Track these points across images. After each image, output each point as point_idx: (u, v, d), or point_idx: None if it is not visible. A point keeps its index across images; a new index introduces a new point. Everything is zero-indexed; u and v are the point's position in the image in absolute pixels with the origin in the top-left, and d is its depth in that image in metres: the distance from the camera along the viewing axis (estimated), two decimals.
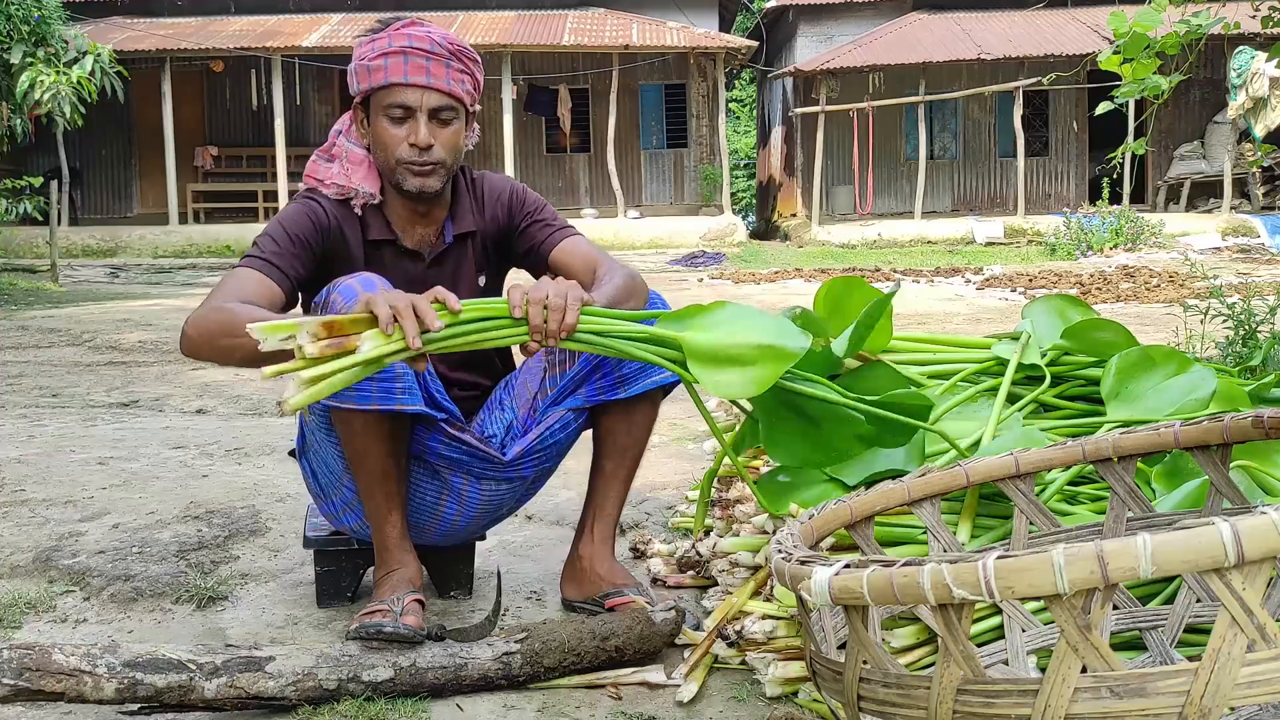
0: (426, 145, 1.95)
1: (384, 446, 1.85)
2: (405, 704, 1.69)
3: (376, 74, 1.95)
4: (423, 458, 1.95)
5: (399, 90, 1.94)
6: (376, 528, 1.93)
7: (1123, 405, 2.11)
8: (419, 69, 1.94)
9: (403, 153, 1.95)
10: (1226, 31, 3.35)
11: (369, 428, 1.82)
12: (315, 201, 2.01)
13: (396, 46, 1.95)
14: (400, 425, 1.86)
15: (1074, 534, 1.73)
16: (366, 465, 1.86)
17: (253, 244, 1.95)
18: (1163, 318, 6.91)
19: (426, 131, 1.95)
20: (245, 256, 1.92)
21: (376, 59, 1.95)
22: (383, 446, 1.85)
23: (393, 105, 1.95)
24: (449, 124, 1.98)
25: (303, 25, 18.71)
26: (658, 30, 18.34)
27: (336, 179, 2.02)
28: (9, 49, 12.45)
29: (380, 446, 1.85)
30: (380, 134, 1.97)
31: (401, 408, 1.80)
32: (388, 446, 1.86)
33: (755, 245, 17.88)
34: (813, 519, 1.48)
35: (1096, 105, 3.64)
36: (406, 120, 1.96)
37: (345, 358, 1.52)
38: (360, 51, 1.99)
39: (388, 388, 1.78)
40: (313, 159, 2.07)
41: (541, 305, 1.67)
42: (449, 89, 1.96)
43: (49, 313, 9.57)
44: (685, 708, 1.72)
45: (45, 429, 4.02)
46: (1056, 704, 1.00)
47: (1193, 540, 0.94)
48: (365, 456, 1.85)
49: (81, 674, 1.58)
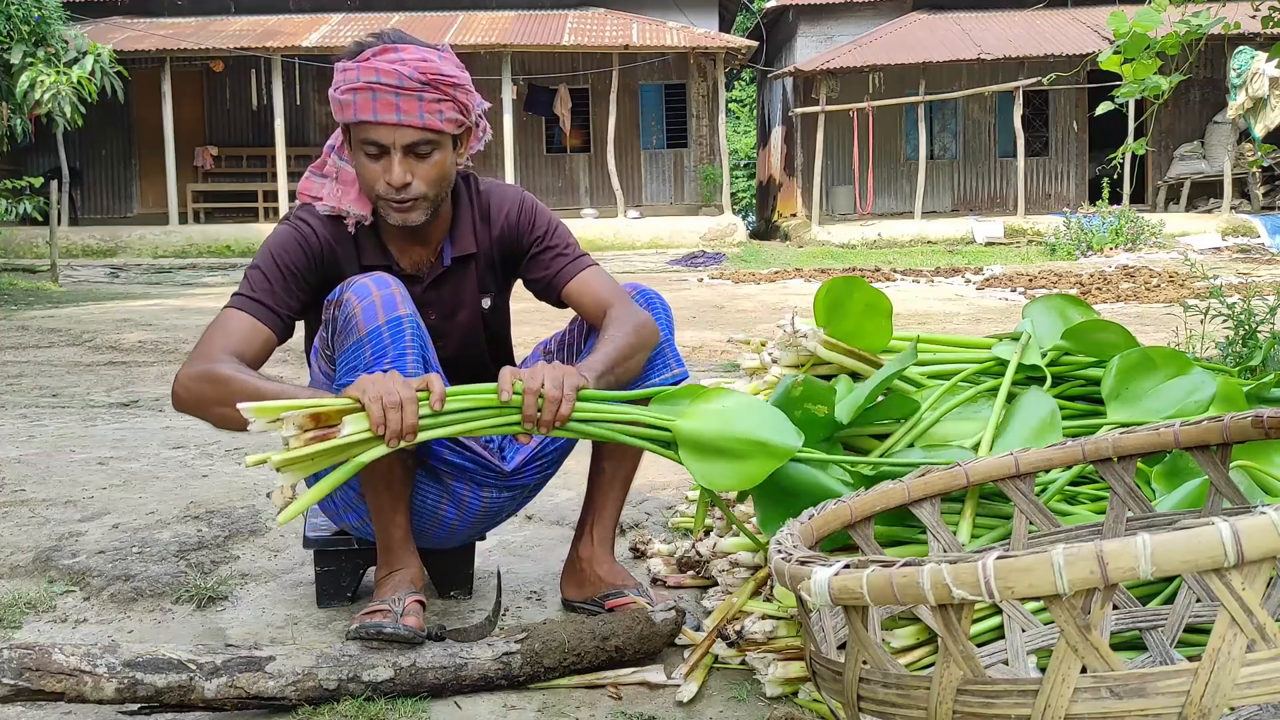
0: (402, 184, 1.86)
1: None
2: (405, 704, 1.69)
3: (347, 109, 1.85)
4: (426, 462, 1.95)
5: (370, 128, 1.84)
6: (381, 528, 1.93)
7: (1123, 406, 2.11)
8: (388, 106, 1.82)
9: (380, 189, 1.87)
10: (1226, 31, 3.35)
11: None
12: (307, 225, 1.95)
13: (364, 82, 1.83)
14: None
15: (1074, 534, 1.73)
16: (373, 467, 1.86)
17: (244, 276, 1.91)
18: (1163, 318, 6.91)
19: (401, 170, 1.85)
20: (236, 294, 1.88)
21: (346, 93, 1.85)
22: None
23: (366, 141, 1.86)
24: (428, 157, 1.87)
25: (303, 25, 18.71)
26: (658, 30, 18.34)
27: (329, 200, 1.96)
28: (9, 49, 12.45)
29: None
30: (359, 167, 1.90)
31: None
32: (395, 450, 1.86)
33: (755, 245, 17.88)
34: (812, 519, 1.48)
35: (1096, 105, 3.64)
36: (381, 157, 1.86)
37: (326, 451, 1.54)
38: (335, 79, 1.88)
39: None
40: (307, 175, 2.01)
41: (536, 394, 1.64)
42: (423, 124, 1.84)
43: (49, 313, 9.57)
44: (685, 708, 1.72)
45: (45, 429, 4.02)
46: (1056, 704, 1.00)
47: (1192, 540, 0.94)
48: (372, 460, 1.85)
49: (81, 674, 1.58)
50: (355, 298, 1.78)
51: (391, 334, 1.77)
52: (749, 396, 1.77)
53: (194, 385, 1.75)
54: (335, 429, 1.56)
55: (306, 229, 1.94)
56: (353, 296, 1.79)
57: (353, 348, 1.78)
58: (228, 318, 1.85)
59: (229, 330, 1.83)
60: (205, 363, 1.77)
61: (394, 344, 1.77)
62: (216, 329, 1.83)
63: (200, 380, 1.74)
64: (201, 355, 1.79)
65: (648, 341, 1.93)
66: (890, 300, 2.25)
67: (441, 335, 1.97)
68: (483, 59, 17.90)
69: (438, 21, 18.79)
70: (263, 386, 1.69)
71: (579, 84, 19.15)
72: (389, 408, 1.57)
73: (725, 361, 5.87)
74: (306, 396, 1.66)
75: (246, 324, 1.84)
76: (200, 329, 7.55)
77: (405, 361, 1.78)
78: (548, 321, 6.01)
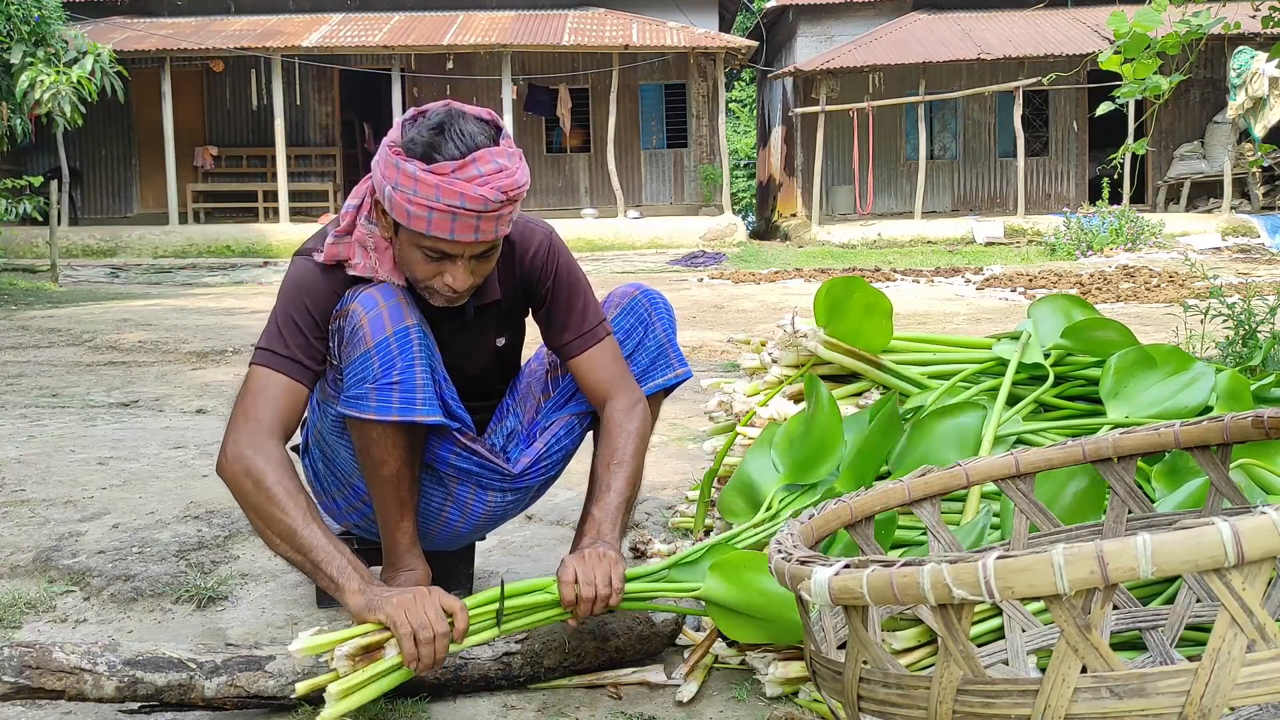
0: (464, 288, 1.79)
1: (400, 455, 1.85)
2: (405, 704, 1.69)
3: (416, 221, 1.70)
4: (432, 466, 1.95)
5: (441, 242, 1.72)
6: (387, 532, 1.93)
7: (1122, 404, 2.11)
8: (468, 228, 1.70)
9: (434, 284, 1.79)
10: (1226, 31, 3.35)
11: (386, 437, 1.82)
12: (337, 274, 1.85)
13: (445, 204, 1.67)
14: (417, 434, 1.86)
15: (1074, 534, 1.73)
16: (381, 472, 1.86)
17: (272, 321, 1.82)
18: (1163, 318, 6.91)
19: (465, 274, 1.77)
20: (263, 350, 1.80)
21: (419, 206, 1.68)
22: (399, 455, 1.84)
23: (430, 249, 1.74)
24: (489, 256, 1.80)
25: (303, 25, 18.71)
26: (658, 30, 18.34)
27: (361, 270, 1.83)
28: (9, 49, 12.45)
29: (396, 455, 1.84)
30: (409, 260, 1.78)
31: (421, 419, 1.79)
32: (404, 455, 1.85)
33: (755, 245, 17.88)
34: (813, 519, 1.48)
35: (1096, 105, 3.64)
36: (443, 260, 1.76)
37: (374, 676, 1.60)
38: (399, 179, 1.69)
39: (408, 399, 1.77)
40: (331, 240, 1.84)
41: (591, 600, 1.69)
42: (496, 236, 1.74)
43: (49, 313, 9.57)
44: (685, 708, 1.72)
45: (45, 429, 4.02)
46: (1056, 704, 1.00)
47: (1193, 540, 0.94)
48: (381, 464, 1.85)
49: (82, 672, 1.58)
50: (361, 309, 1.77)
51: (399, 345, 1.76)
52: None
53: (241, 481, 1.72)
54: (381, 651, 1.62)
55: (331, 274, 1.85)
56: (359, 307, 1.77)
57: (360, 359, 1.77)
58: (258, 379, 1.78)
59: (268, 396, 1.77)
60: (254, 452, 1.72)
61: (401, 355, 1.76)
62: (256, 394, 1.77)
63: (248, 479, 1.71)
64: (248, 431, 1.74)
65: (645, 448, 1.96)
66: (890, 300, 2.25)
67: (454, 369, 1.94)
68: (483, 59, 17.90)
69: (438, 21, 18.79)
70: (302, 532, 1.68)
71: (579, 84, 19.15)
72: (421, 644, 1.59)
73: (725, 361, 5.87)
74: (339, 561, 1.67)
75: (282, 386, 1.78)
76: (201, 329, 7.51)
77: (414, 374, 1.77)
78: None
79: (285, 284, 1.85)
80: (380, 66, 18.20)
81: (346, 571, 1.67)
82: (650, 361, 2.03)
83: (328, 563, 1.67)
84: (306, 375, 1.81)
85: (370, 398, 1.77)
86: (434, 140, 1.69)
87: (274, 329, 1.81)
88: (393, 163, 1.71)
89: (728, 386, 2.50)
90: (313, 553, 1.68)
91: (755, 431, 2.25)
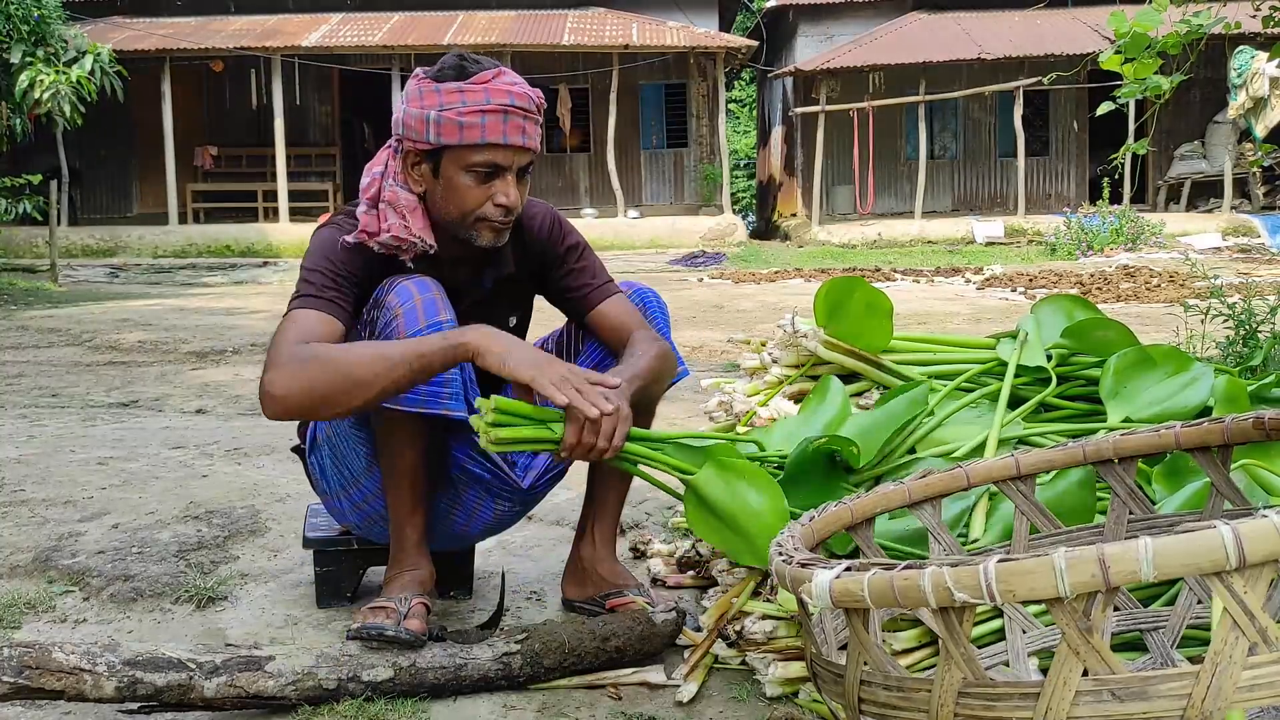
0: (515, 204, 1.84)
1: (419, 448, 1.86)
2: (405, 704, 1.69)
3: (471, 131, 1.78)
4: (444, 469, 1.95)
5: (494, 150, 1.80)
6: (397, 527, 1.93)
7: (1122, 405, 2.11)
8: (518, 129, 1.81)
9: (487, 210, 1.83)
10: (1227, 31, 3.35)
11: (408, 428, 1.83)
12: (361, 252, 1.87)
13: (497, 104, 1.78)
14: (436, 431, 1.87)
15: (1074, 536, 1.73)
16: (399, 465, 1.87)
17: (301, 280, 1.84)
18: (1163, 318, 6.91)
19: (516, 190, 1.84)
20: (297, 297, 1.81)
21: (471, 114, 1.78)
22: (418, 448, 1.86)
23: (482, 164, 1.81)
24: (525, 179, 1.88)
25: (303, 25, 18.70)
26: (658, 30, 18.33)
27: (395, 231, 1.85)
28: (9, 48, 12.45)
29: (416, 448, 1.85)
30: (458, 189, 1.83)
31: (446, 413, 1.80)
32: (422, 449, 1.86)
33: (755, 245, 17.89)
34: (813, 521, 1.47)
35: (1097, 105, 3.64)
36: (493, 178, 1.83)
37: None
38: (443, 99, 1.79)
39: (435, 391, 1.78)
40: (364, 210, 1.88)
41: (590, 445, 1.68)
42: (536, 145, 1.85)
43: (49, 313, 9.57)
44: (685, 708, 1.72)
45: (45, 429, 4.02)
46: (1057, 707, 1.00)
47: (1194, 543, 0.94)
48: (399, 457, 1.86)
49: (81, 672, 1.58)
50: (397, 299, 1.78)
51: None
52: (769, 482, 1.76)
53: (297, 376, 1.67)
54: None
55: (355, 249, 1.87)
56: (394, 298, 1.78)
57: None
58: (296, 318, 1.78)
59: (301, 327, 1.76)
60: (293, 356, 1.70)
61: None
62: (288, 328, 1.76)
63: (305, 368, 1.68)
64: (284, 353, 1.71)
65: (669, 370, 1.95)
66: (890, 300, 2.25)
67: None
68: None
69: (438, 21, 18.79)
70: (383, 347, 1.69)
71: (579, 84, 19.14)
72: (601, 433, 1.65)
73: (725, 361, 5.87)
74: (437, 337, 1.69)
75: (315, 319, 1.78)
76: (201, 329, 7.54)
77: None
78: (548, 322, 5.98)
79: (309, 251, 1.89)
80: (380, 66, 18.19)
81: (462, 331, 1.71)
82: None
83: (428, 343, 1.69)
84: (340, 312, 1.81)
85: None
86: (462, 64, 1.82)
87: (302, 284, 1.84)
88: (431, 90, 1.81)
89: (728, 386, 2.50)
90: (413, 345, 1.69)
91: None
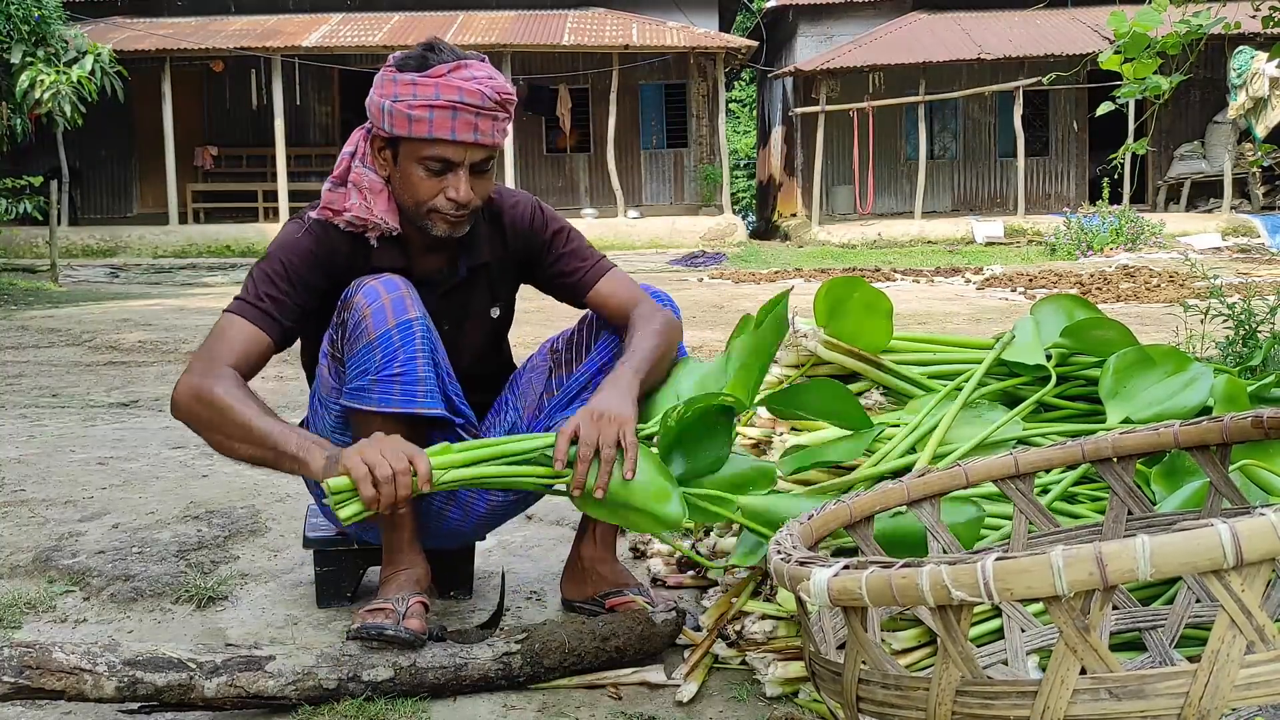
0: (467, 200, 1.84)
1: None
2: (405, 704, 1.69)
3: (419, 125, 1.78)
4: None
5: (442, 145, 1.80)
6: (387, 529, 1.93)
7: (1121, 404, 2.11)
8: (468, 126, 1.79)
9: (438, 203, 1.84)
10: (1227, 31, 3.35)
11: (388, 430, 1.80)
12: (319, 226, 1.89)
13: (445, 100, 1.77)
14: (418, 428, 1.86)
15: (1073, 534, 1.73)
16: None
17: (249, 277, 1.86)
18: (1163, 318, 6.91)
19: (467, 186, 1.83)
20: (238, 299, 1.84)
21: (420, 108, 1.78)
22: None
23: (432, 158, 1.81)
24: (485, 172, 1.87)
25: (303, 25, 18.70)
26: (658, 30, 18.33)
27: (356, 211, 1.87)
28: (9, 49, 12.45)
29: None
30: (411, 180, 1.84)
31: (422, 411, 1.80)
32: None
33: (755, 245, 17.89)
34: (812, 519, 1.48)
35: (1097, 105, 3.64)
36: (445, 173, 1.82)
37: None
38: (398, 90, 1.80)
39: (410, 391, 1.78)
40: (327, 187, 1.91)
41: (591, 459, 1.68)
42: (493, 142, 1.83)
43: (49, 313, 9.57)
44: (685, 708, 1.72)
45: (45, 429, 4.02)
46: (1055, 705, 1.00)
47: (1191, 542, 0.94)
48: None
49: (82, 672, 1.58)
50: (364, 300, 1.77)
51: (402, 338, 1.76)
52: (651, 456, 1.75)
53: (193, 406, 1.74)
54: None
55: (319, 231, 1.89)
56: (362, 299, 1.78)
57: (363, 351, 1.77)
58: (229, 324, 1.82)
59: (229, 338, 1.80)
60: (205, 378, 1.75)
61: (404, 348, 1.77)
62: (217, 336, 1.81)
63: (199, 402, 1.74)
64: (202, 365, 1.77)
65: (674, 341, 1.95)
66: (890, 300, 2.24)
67: (452, 345, 1.95)
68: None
69: (438, 21, 18.78)
70: (256, 424, 1.70)
71: (579, 84, 19.14)
72: (381, 484, 1.60)
73: None
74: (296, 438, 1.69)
75: (247, 332, 1.81)
76: (200, 329, 7.53)
77: (415, 366, 1.77)
78: (549, 321, 6.01)
79: (271, 244, 1.90)
80: (380, 67, 18.18)
81: (307, 445, 1.69)
82: None
83: (286, 443, 1.68)
84: (272, 326, 1.83)
85: (372, 389, 1.77)
86: (425, 54, 1.82)
87: (250, 283, 1.85)
88: (389, 79, 1.82)
89: None
90: (270, 438, 1.69)
91: (755, 431, 2.25)
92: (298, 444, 1.69)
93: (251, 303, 1.83)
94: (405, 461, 1.61)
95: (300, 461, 1.68)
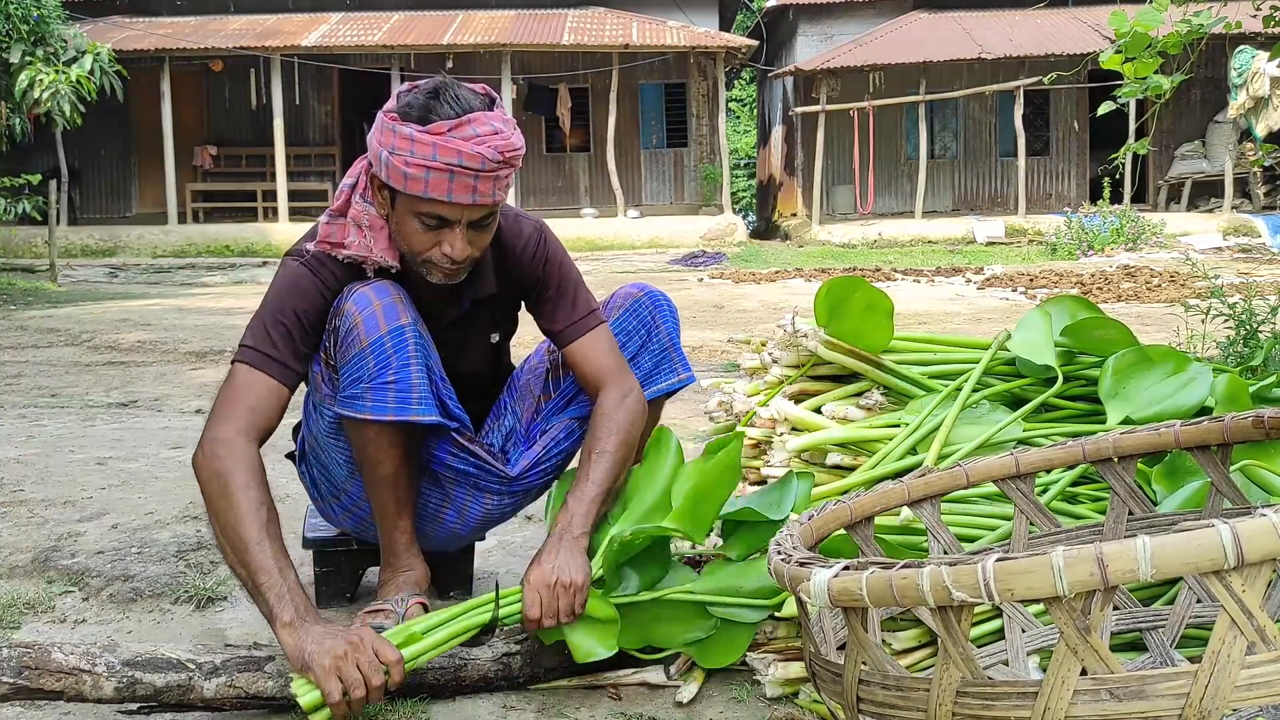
0: (464, 258, 1.77)
1: (397, 455, 1.84)
2: (405, 704, 1.69)
3: (414, 183, 1.69)
4: (429, 467, 1.94)
5: (438, 205, 1.71)
6: (385, 532, 1.92)
7: (1121, 404, 2.11)
8: (465, 189, 1.69)
9: (433, 256, 1.77)
10: (1227, 31, 3.35)
11: (382, 437, 1.81)
12: (321, 265, 1.83)
13: (443, 163, 1.67)
14: (413, 434, 1.85)
15: (1074, 535, 1.73)
16: (378, 473, 1.85)
17: (255, 321, 1.81)
18: (1164, 317, 6.91)
19: (464, 243, 1.75)
20: (246, 347, 1.78)
21: (416, 167, 1.68)
22: (395, 455, 1.84)
23: (427, 215, 1.73)
24: (486, 226, 1.78)
25: (302, 24, 18.70)
26: (658, 29, 18.33)
27: (356, 249, 1.81)
28: (8, 48, 12.45)
29: (393, 455, 1.83)
30: (406, 230, 1.76)
31: (416, 418, 1.78)
32: (400, 455, 1.84)
33: (755, 245, 17.89)
34: (812, 520, 1.47)
35: (1097, 104, 3.64)
36: (441, 228, 1.74)
37: None
38: (396, 143, 1.69)
39: (404, 398, 1.76)
40: (325, 220, 1.84)
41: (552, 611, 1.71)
42: (493, 201, 1.73)
43: (48, 313, 9.57)
44: (685, 708, 1.72)
45: (44, 429, 4.02)
46: (1055, 706, 1.00)
47: (1192, 543, 0.94)
48: (377, 465, 1.84)
49: (81, 673, 1.58)
50: (355, 307, 1.75)
51: (394, 344, 1.75)
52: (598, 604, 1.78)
53: (210, 481, 1.69)
54: None
55: (317, 266, 1.83)
56: (353, 306, 1.76)
57: (355, 359, 1.76)
58: (242, 377, 1.77)
59: (246, 393, 1.75)
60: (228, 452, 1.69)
61: (397, 354, 1.75)
62: (234, 391, 1.76)
63: (217, 480, 1.68)
64: (222, 427, 1.72)
65: (635, 440, 1.90)
66: (891, 300, 2.24)
67: (451, 368, 1.92)
68: (482, 58, 17.88)
69: (437, 20, 18.78)
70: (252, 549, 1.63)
71: (579, 83, 19.14)
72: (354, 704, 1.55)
73: (725, 361, 5.87)
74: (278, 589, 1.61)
75: (261, 385, 1.76)
76: (200, 329, 7.52)
77: (409, 372, 1.76)
78: None
79: (273, 285, 1.84)
80: (380, 66, 18.19)
81: (283, 602, 1.60)
82: (653, 366, 2.01)
83: (268, 588, 1.61)
84: (289, 377, 1.79)
85: (365, 397, 1.76)
86: (429, 104, 1.71)
87: (260, 328, 1.80)
88: (389, 128, 1.71)
89: (728, 386, 2.50)
90: (257, 574, 1.62)
91: (756, 431, 2.25)
92: (276, 596, 1.61)
93: (263, 351, 1.78)
94: (380, 675, 1.56)
95: (270, 617, 1.61)
